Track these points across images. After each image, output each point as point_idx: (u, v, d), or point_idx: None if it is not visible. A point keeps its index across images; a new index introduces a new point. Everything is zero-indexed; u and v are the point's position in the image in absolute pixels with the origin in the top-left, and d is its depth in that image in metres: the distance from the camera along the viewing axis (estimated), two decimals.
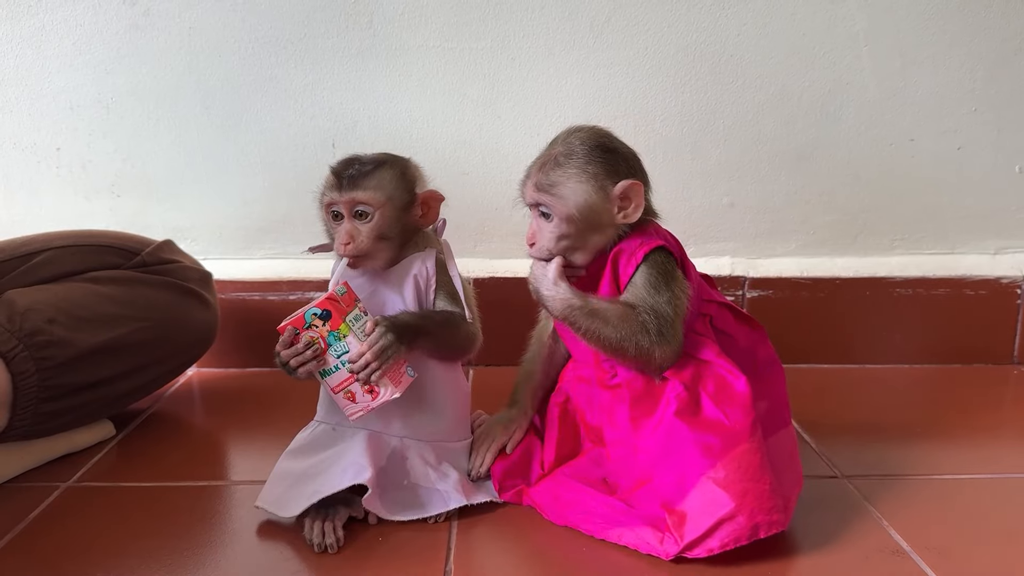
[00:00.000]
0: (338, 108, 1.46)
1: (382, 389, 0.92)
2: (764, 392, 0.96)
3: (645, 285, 0.92)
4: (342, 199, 0.95)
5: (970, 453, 1.15)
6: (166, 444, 1.19)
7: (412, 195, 0.99)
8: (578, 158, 0.93)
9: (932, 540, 0.92)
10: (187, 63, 1.44)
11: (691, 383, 0.92)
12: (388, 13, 1.42)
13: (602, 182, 0.92)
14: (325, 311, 0.90)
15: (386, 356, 0.90)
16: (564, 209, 0.92)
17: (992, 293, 1.50)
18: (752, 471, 0.87)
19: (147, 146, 1.48)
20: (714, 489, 0.86)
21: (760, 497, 0.86)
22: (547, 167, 0.94)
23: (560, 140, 0.96)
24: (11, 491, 1.04)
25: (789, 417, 1.01)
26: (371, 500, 0.93)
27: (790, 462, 0.97)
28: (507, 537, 0.94)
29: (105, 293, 1.16)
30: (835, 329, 1.51)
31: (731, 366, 0.92)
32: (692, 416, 0.90)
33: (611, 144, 0.95)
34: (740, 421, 0.88)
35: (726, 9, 1.43)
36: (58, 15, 1.42)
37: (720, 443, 0.87)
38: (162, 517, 0.99)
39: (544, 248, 0.94)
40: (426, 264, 1.00)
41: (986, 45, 1.45)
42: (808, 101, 1.47)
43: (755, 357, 0.99)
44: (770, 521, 0.86)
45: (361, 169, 0.96)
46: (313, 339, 0.91)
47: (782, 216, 1.52)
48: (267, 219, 1.51)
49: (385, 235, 0.97)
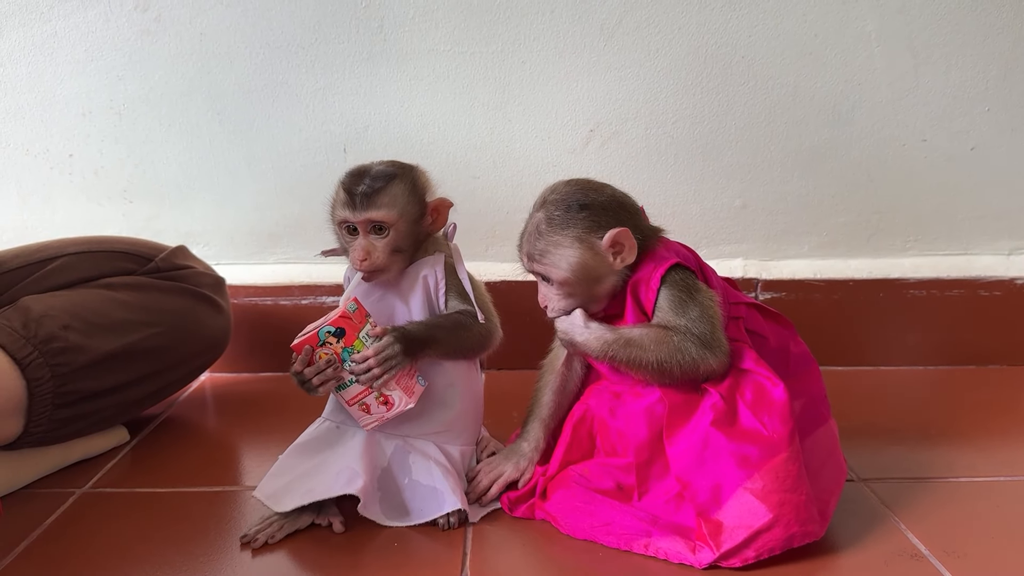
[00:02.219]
0: (349, 113, 1.46)
1: (395, 400, 0.94)
2: (800, 390, 0.96)
3: (672, 307, 0.92)
4: (357, 219, 0.95)
5: (987, 455, 1.15)
6: (180, 449, 1.20)
7: (423, 205, 0.99)
8: (557, 224, 0.93)
9: (951, 544, 0.91)
10: (199, 69, 1.45)
11: (728, 393, 0.91)
12: (398, 18, 1.42)
13: (587, 240, 0.92)
14: (339, 329, 0.91)
15: (390, 365, 0.91)
16: (559, 274, 0.93)
17: (1007, 294, 1.49)
18: (790, 482, 0.87)
19: (159, 152, 1.49)
20: (751, 500, 0.86)
21: (797, 508, 0.86)
22: (532, 237, 0.95)
23: (539, 204, 0.96)
24: (27, 497, 1.05)
25: (828, 412, 1.00)
26: (366, 508, 0.94)
27: (829, 459, 0.97)
28: (524, 543, 0.94)
29: (119, 299, 1.16)
30: (849, 331, 1.50)
31: (769, 373, 0.91)
32: (729, 426, 0.90)
33: (586, 199, 0.93)
34: (778, 431, 0.88)
35: (737, 10, 1.42)
36: (70, 22, 1.43)
37: (758, 453, 0.88)
38: (177, 522, 0.99)
39: (557, 309, 0.96)
40: (435, 268, 1.00)
41: (999, 45, 1.45)
42: (820, 102, 1.46)
43: (788, 355, 0.99)
44: (805, 532, 0.87)
45: (373, 185, 0.96)
46: (327, 356, 0.92)
47: (795, 218, 1.52)
48: (279, 224, 1.51)
49: (400, 248, 0.98)
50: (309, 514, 0.95)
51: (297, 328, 0.96)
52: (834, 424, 1.00)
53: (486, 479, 1.01)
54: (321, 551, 0.91)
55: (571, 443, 1.00)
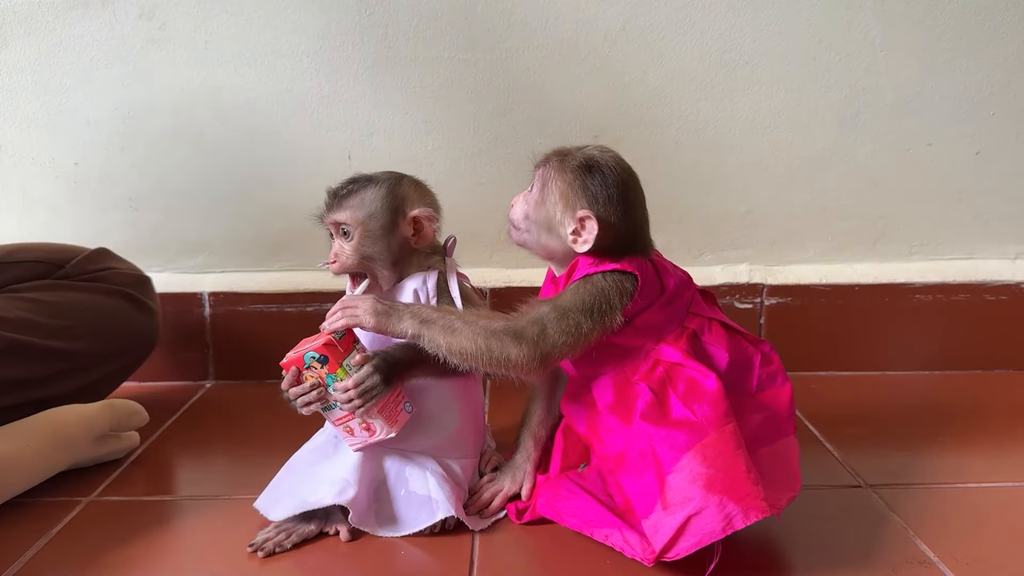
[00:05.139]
0: (353, 120, 1.47)
1: (376, 428, 0.94)
2: (761, 405, 0.93)
3: (566, 295, 0.90)
4: (327, 220, 1.00)
5: (994, 461, 1.14)
6: (186, 457, 1.20)
7: (396, 214, 0.99)
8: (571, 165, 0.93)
9: (959, 551, 0.91)
10: (203, 77, 1.45)
11: (659, 386, 0.90)
12: (402, 26, 1.43)
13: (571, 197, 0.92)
14: (323, 356, 0.91)
15: (370, 396, 0.91)
16: (538, 195, 0.95)
17: (1013, 298, 1.49)
18: (722, 459, 0.83)
19: (164, 160, 1.49)
20: (682, 484, 0.83)
21: (731, 485, 0.82)
22: (556, 157, 0.96)
23: (582, 147, 0.96)
24: (34, 506, 1.04)
25: (791, 429, 0.95)
26: (359, 519, 0.94)
27: (785, 471, 0.92)
28: (531, 553, 0.94)
29: (22, 302, 1.18)
30: (855, 336, 1.50)
31: (701, 366, 0.89)
32: (659, 418, 0.88)
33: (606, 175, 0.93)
34: (706, 415, 0.86)
35: (742, 16, 1.42)
36: (75, 30, 1.43)
37: (686, 437, 0.85)
38: (184, 531, 0.99)
39: (515, 214, 0.98)
40: (427, 284, 1.00)
41: (1004, 49, 1.44)
42: (825, 107, 1.46)
43: (749, 373, 0.95)
44: (746, 508, 0.81)
45: (350, 188, 0.99)
46: (312, 379, 0.93)
47: (800, 223, 1.51)
48: (284, 231, 1.51)
49: (367, 254, 0.98)
50: (317, 522, 0.95)
51: (303, 335, 0.97)
52: (795, 442, 0.95)
53: (487, 494, 1.02)
54: (328, 560, 0.91)
55: (565, 449, 1.02)
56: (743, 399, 0.91)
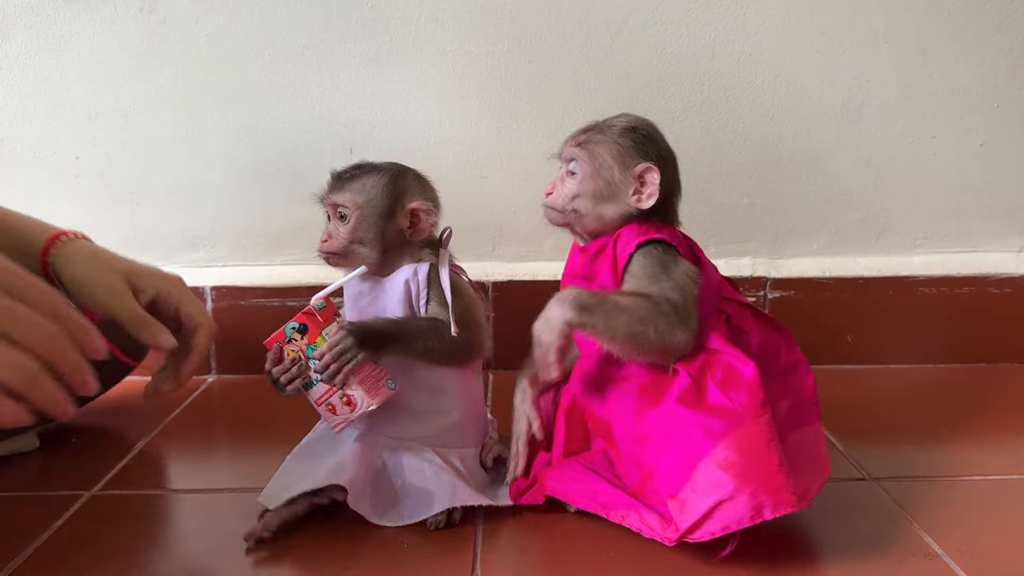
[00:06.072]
0: (356, 114, 1.46)
1: (357, 400, 0.94)
2: (784, 393, 0.94)
3: (646, 274, 0.92)
4: (326, 200, 1.01)
5: (1000, 454, 1.14)
6: (188, 451, 1.20)
7: (395, 203, 0.99)
8: (615, 130, 0.98)
9: (965, 543, 0.90)
10: (205, 71, 1.45)
11: (698, 372, 0.90)
12: (404, 18, 1.42)
13: (627, 157, 0.96)
14: (302, 325, 0.92)
15: (345, 359, 0.91)
16: (590, 168, 0.96)
17: (1017, 291, 1.48)
18: (757, 450, 0.83)
19: (166, 154, 1.48)
20: (714, 471, 0.84)
21: (763, 477, 0.82)
22: (591, 131, 0.99)
23: (611, 117, 1.01)
24: (35, 500, 1.04)
25: (816, 417, 0.97)
26: (355, 501, 0.94)
27: (813, 456, 0.94)
28: (536, 545, 0.93)
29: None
30: (858, 329, 1.49)
31: (739, 353, 0.90)
32: (696, 402, 0.88)
33: (650, 132, 0.99)
34: (744, 402, 0.86)
35: (744, 8, 1.42)
36: (76, 24, 1.43)
37: (722, 425, 0.85)
38: (187, 524, 0.99)
39: (558, 200, 0.99)
40: (419, 275, 1.00)
41: (1008, 40, 1.44)
42: (828, 99, 1.46)
43: (777, 360, 0.97)
44: (776, 501, 0.82)
45: (353, 173, 1.01)
46: (294, 353, 0.93)
47: (803, 216, 1.51)
48: (286, 225, 1.51)
49: (360, 239, 0.99)
50: (305, 497, 0.95)
51: None
52: (821, 429, 0.97)
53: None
54: (331, 551, 0.91)
55: (568, 433, 1.01)
56: (771, 384, 0.90)
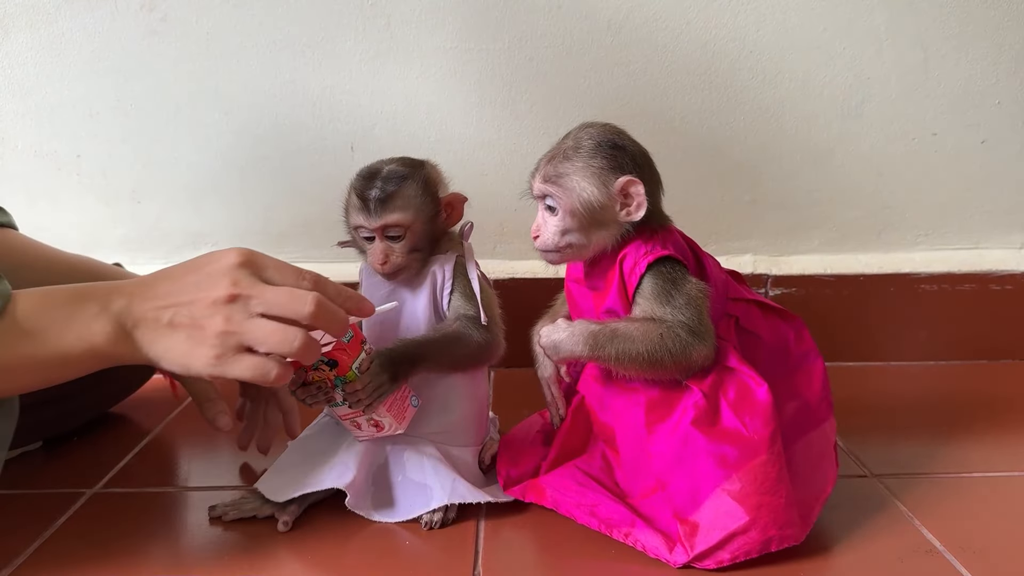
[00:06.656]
0: (356, 111, 1.46)
1: (386, 425, 0.94)
2: (794, 391, 0.94)
3: (656, 295, 0.89)
4: (373, 225, 0.96)
5: (1000, 450, 1.14)
6: (191, 449, 1.20)
7: (437, 202, 0.99)
8: (583, 152, 0.91)
9: (966, 539, 0.90)
10: (205, 68, 1.45)
11: (711, 391, 0.89)
12: (405, 15, 1.42)
13: (605, 177, 0.89)
14: (333, 361, 0.88)
15: (379, 394, 0.90)
16: (568, 202, 0.90)
17: (1019, 288, 1.48)
18: (768, 484, 0.85)
19: (167, 152, 1.48)
20: (728, 502, 0.85)
21: (775, 511, 0.85)
22: (555, 160, 0.92)
23: (571, 135, 0.94)
24: (37, 498, 1.04)
25: (828, 411, 0.97)
26: (355, 503, 0.94)
27: (819, 464, 0.94)
28: (536, 540, 0.93)
29: None
30: (859, 326, 1.49)
31: (753, 372, 0.89)
32: (710, 425, 0.88)
33: (619, 141, 0.92)
34: (759, 432, 0.86)
35: (745, 5, 1.42)
36: (77, 22, 1.43)
37: (737, 454, 0.85)
38: (189, 522, 0.99)
39: (548, 241, 0.92)
40: (445, 267, 1.00)
41: (1010, 37, 1.44)
42: (829, 96, 1.46)
43: (787, 352, 0.97)
44: (783, 536, 0.85)
45: (386, 189, 0.95)
46: (319, 379, 0.90)
47: (804, 213, 1.51)
48: (288, 223, 1.51)
49: (417, 247, 0.98)
50: (271, 507, 0.96)
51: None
52: (832, 424, 0.97)
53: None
54: (330, 549, 0.91)
55: (571, 428, 1.00)
56: (777, 382, 0.90)
